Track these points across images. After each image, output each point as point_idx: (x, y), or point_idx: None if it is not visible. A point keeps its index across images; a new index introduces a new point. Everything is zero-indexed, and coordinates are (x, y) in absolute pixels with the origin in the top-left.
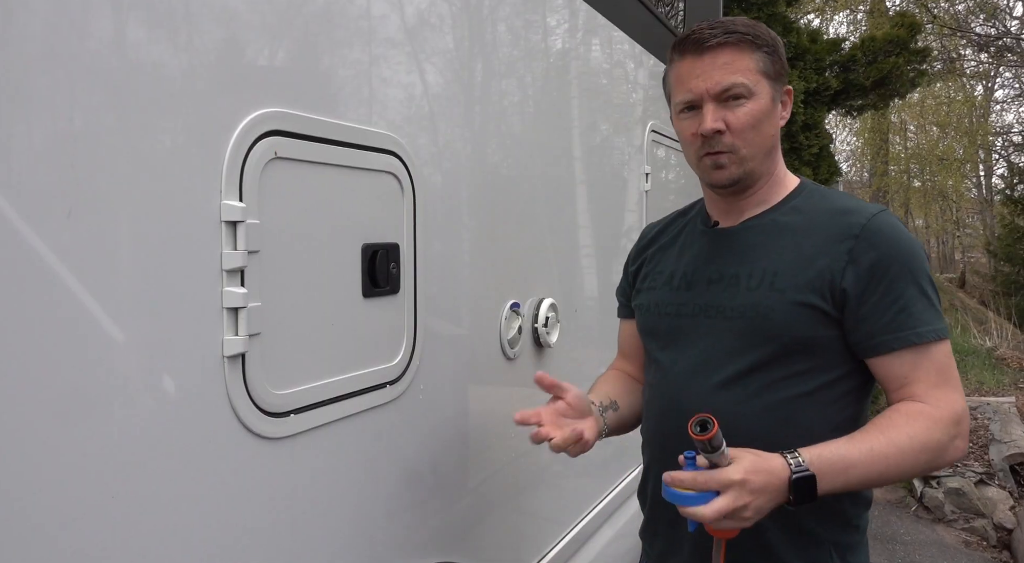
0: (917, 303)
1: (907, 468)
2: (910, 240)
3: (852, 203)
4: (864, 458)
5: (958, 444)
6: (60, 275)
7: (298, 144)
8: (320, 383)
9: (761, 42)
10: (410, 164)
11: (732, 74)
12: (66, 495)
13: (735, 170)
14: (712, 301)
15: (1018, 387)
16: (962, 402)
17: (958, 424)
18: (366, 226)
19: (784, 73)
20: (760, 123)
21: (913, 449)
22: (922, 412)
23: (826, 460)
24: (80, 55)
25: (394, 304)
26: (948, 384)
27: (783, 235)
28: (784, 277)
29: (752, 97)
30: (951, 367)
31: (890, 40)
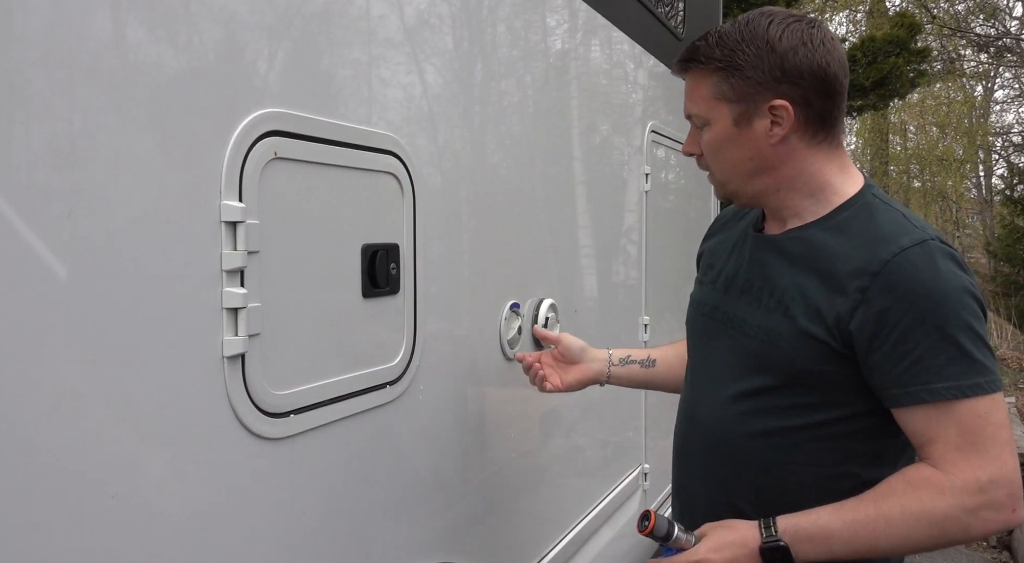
0: (937, 355)
1: (902, 543)
2: (942, 281)
3: (893, 230)
4: (846, 530)
5: (987, 517)
6: (60, 275)
7: (298, 144)
8: (320, 383)
9: (717, 64)
10: (410, 164)
11: (688, 103)
12: (65, 495)
13: (719, 191)
14: (738, 313)
15: (1018, 387)
16: (994, 468)
17: (980, 493)
18: (366, 226)
19: (756, 90)
20: (720, 149)
21: (906, 523)
22: (928, 480)
23: (803, 530)
24: (80, 55)
25: (394, 304)
26: (975, 447)
27: (813, 257)
28: (799, 304)
29: (708, 126)
30: (986, 428)
31: (890, 40)
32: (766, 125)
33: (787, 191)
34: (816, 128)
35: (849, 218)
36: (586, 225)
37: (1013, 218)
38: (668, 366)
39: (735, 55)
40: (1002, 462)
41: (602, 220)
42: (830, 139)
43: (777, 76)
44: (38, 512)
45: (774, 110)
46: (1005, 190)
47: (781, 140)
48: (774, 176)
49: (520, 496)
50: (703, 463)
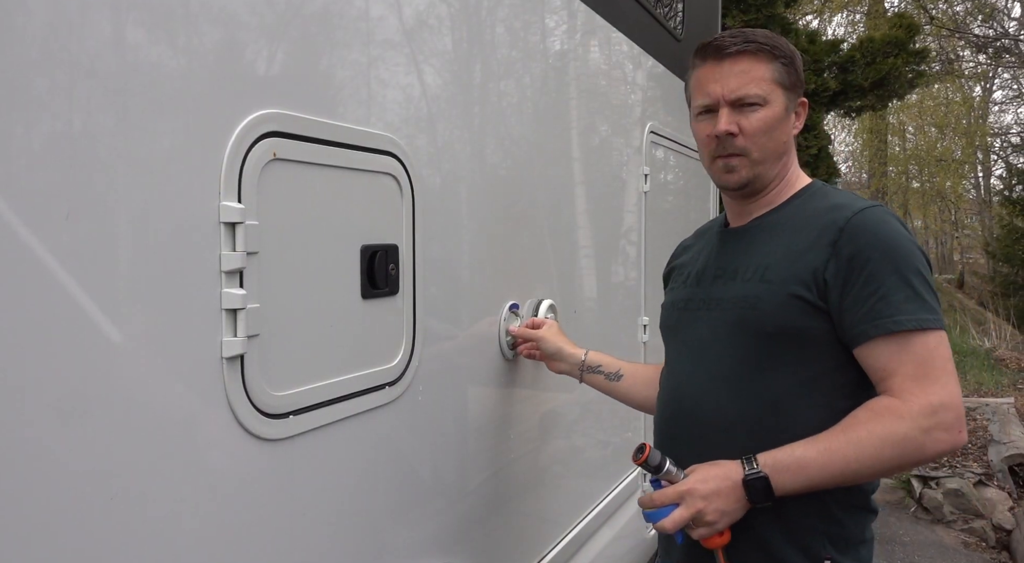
0: (897, 292)
1: (871, 464)
2: (896, 233)
3: (848, 200)
4: (820, 457)
5: (939, 437)
6: (59, 276)
7: (297, 145)
8: (319, 384)
9: (779, 53)
10: (409, 165)
11: (747, 82)
12: (64, 496)
13: (745, 173)
14: (712, 294)
15: (1017, 388)
16: (943, 394)
17: (933, 415)
18: (365, 227)
19: (800, 85)
20: (772, 129)
21: (873, 445)
22: (888, 407)
23: (781, 462)
24: (79, 56)
25: (393, 305)
26: (928, 376)
27: (779, 232)
28: (774, 270)
29: (766, 105)
30: (936, 359)
31: (888, 41)
32: (793, 117)
33: (780, 180)
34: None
35: (807, 198)
36: (585, 226)
37: (1012, 218)
38: (633, 383)
39: (791, 51)
40: (950, 390)
41: (601, 221)
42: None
43: (803, 80)
44: (37, 513)
45: (799, 107)
46: (1004, 191)
47: (796, 133)
48: (785, 164)
49: (520, 497)
50: (696, 439)
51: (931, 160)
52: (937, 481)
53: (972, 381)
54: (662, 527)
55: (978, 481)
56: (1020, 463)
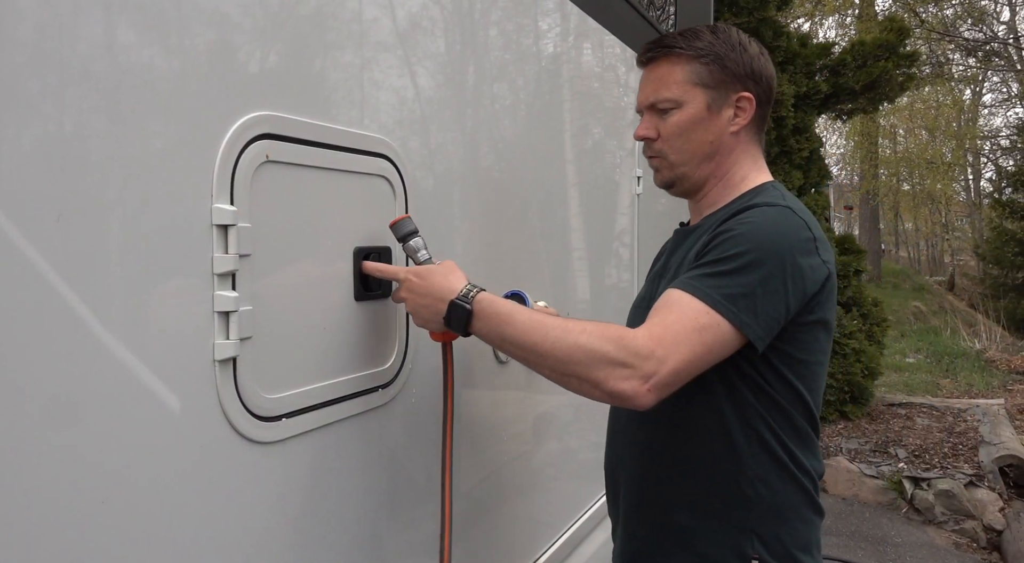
0: (706, 269)
1: (560, 357)
2: (762, 226)
3: (760, 200)
4: (527, 324)
5: (625, 374)
6: (49, 280)
7: (289, 148)
8: (312, 387)
9: (699, 53)
10: (402, 167)
11: (660, 89)
12: (56, 500)
13: (666, 174)
14: (653, 292)
15: (1007, 389)
16: (668, 350)
17: (640, 357)
18: (358, 229)
19: (735, 81)
20: (688, 131)
21: (575, 343)
22: (617, 328)
23: (495, 307)
24: (70, 58)
25: (386, 308)
26: (667, 329)
27: (703, 231)
28: (684, 268)
29: (681, 107)
30: (689, 328)
31: (879, 44)
32: (730, 114)
33: (719, 180)
34: (758, 127)
35: (740, 203)
36: (578, 228)
37: (1001, 221)
38: None
39: (715, 47)
40: (673, 353)
41: (594, 223)
42: (760, 141)
43: (747, 72)
44: (29, 517)
45: (740, 102)
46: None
47: (738, 131)
48: (719, 163)
49: (513, 499)
50: (627, 433)
51: (922, 163)
52: (928, 482)
53: (963, 382)
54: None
55: (969, 482)
56: (1010, 464)
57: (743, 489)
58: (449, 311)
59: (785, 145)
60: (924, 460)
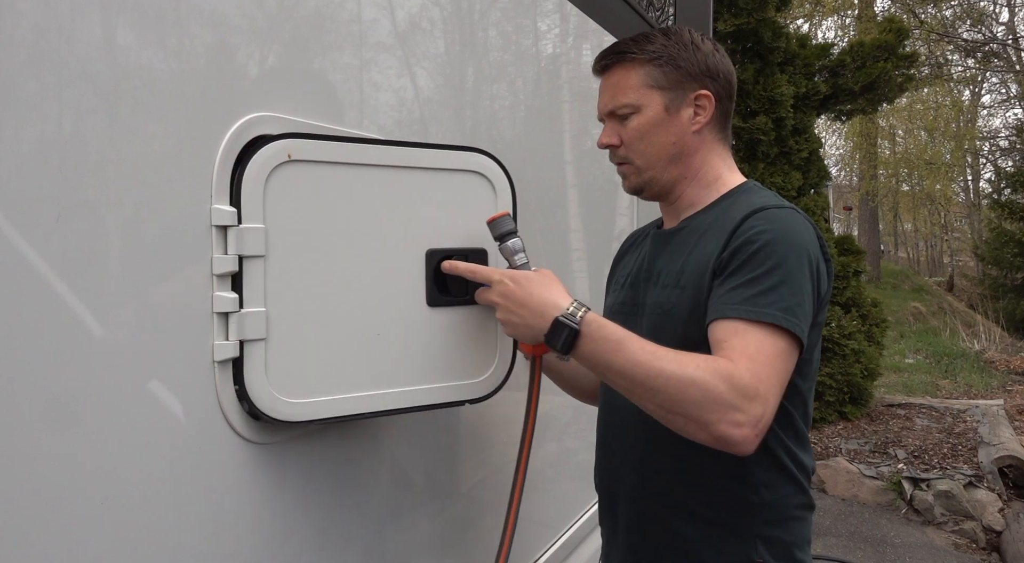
0: (755, 286)
1: (672, 393)
2: (788, 233)
3: (760, 200)
4: (638, 354)
5: (738, 419)
6: (49, 280)
7: (313, 146)
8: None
9: (651, 55)
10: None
11: (617, 94)
12: (56, 500)
13: (634, 180)
14: (639, 299)
15: (1006, 389)
16: (768, 388)
17: (748, 399)
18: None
19: (691, 79)
20: (648, 134)
21: (691, 378)
22: (725, 364)
23: (604, 331)
24: (69, 59)
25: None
26: (765, 365)
27: (698, 234)
28: (687, 274)
29: (639, 111)
30: (774, 357)
31: (878, 45)
32: (690, 113)
33: (692, 180)
34: (722, 124)
35: (731, 201)
36: (577, 228)
37: (1000, 221)
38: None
39: (667, 49)
40: (773, 392)
41: (593, 224)
42: (727, 139)
43: (703, 70)
44: (29, 517)
45: (699, 100)
46: (993, 194)
47: (699, 129)
48: (687, 164)
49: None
50: (624, 445)
51: (921, 163)
52: (928, 483)
53: (962, 383)
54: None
55: (968, 483)
56: (1010, 464)
57: (749, 497)
58: (553, 328)
59: (784, 146)
60: (923, 461)
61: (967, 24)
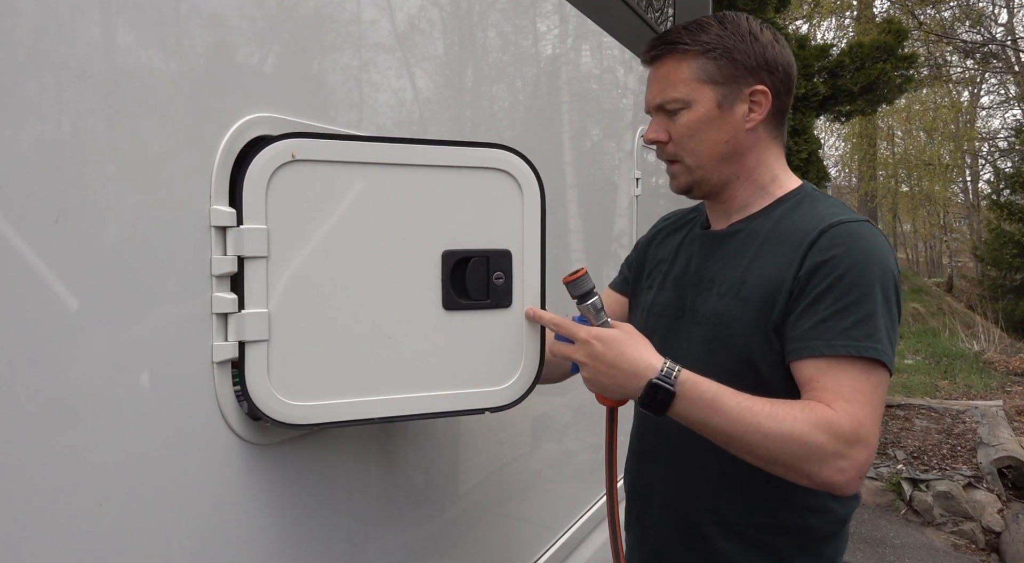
0: (846, 316)
1: (770, 449)
2: (871, 250)
3: (830, 211)
4: (735, 411)
5: (843, 467)
6: (48, 281)
7: (316, 145)
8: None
9: (704, 47)
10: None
11: (665, 88)
12: (54, 501)
13: (683, 179)
14: (690, 305)
15: (1005, 390)
16: (869, 431)
17: (850, 445)
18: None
19: (747, 73)
20: (698, 132)
21: (786, 432)
22: (823, 412)
23: (700, 390)
24: (68, 59)
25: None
26: (862, 405)
27: (759, 242)
28: (749, 286)
29: (690, 107)
30: (872, 394)
31: (877, 46)
32: (744, 110)
33: (745, 180)
34: (777, 121)
35: (792, 206)
36: (577, 229)
37: (999, 222)
38: None
39: (723, 40)
40: (874, 432)
41: (592, 224)
42: (781, 136)
43: (760, 63)
44: (27, 518)
45: (754, 95)
46: (991, 195)
47: (754, 127)
48: (740, 164)
49: (512, 501)
50: (664, 455)
51: (920, 164)
52: (927, 483)
53: (961, 383)
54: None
55: (967, 483)
56: (1009, 465)
57: (793, 520)
58: (647, 391)
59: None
60: (923, 461)
61: (966, 25)
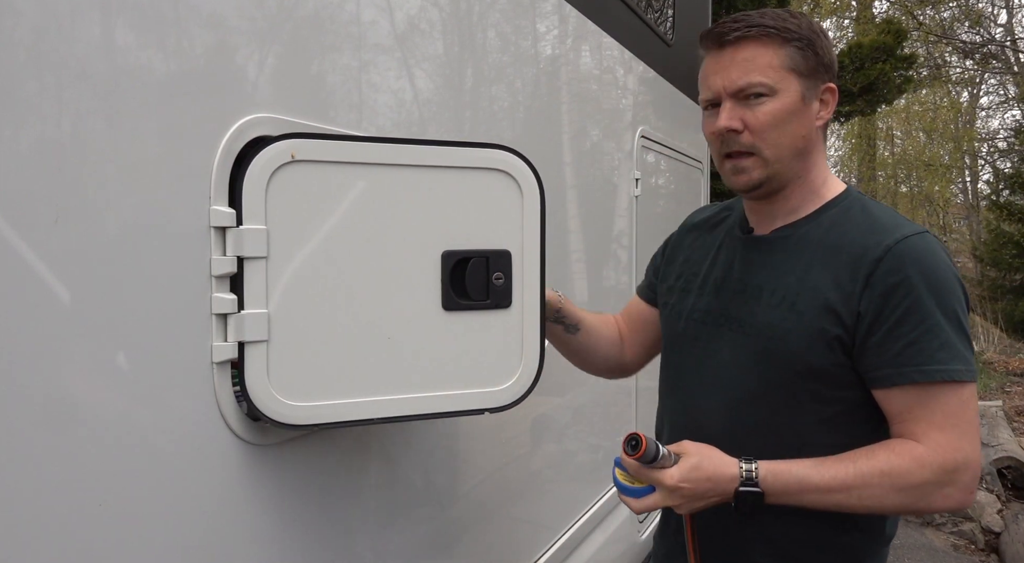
0: (932, 338)
1: (872, 503)
2: (939, 269)
3: (889, 221)
4: (823, 483)
5: (951, 493)
6: (47, 281)
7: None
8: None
9: (791, 35)
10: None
11: (750, 71)
12: (54, 502)
13: (757, 174)
14: (735, 313)
15: (1005, 391)
16: (967, 452)
17: (952, 473)
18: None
19: (824, 69)
20: (783, 122)
21: (883, 485)
22: (911, 452)
23: (782, 480)
24: (68, 59)
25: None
26: (955, 429)
27: (811, 251)
28: (805, 298)
29: (775, 95)
30: (964, 413)
31: (877, 47)
32: (817, 107)
33: (803, 181)
34: (828, 124)
35: (841, 212)
36: (576, 230)
37: (999, 223)
38: (589, 338)
39: (807, 32)
40: (973, 448)
41: (592, 225)
42: (826, 140)
43: (831, 60)
44: (26, 519)
45: (825, 93)
46: (991, 195)
47: (822, 125)
48: (807, 162)
49: (511, 501)
50: None
51: (919, 165)
52: None
53: None
54: (629, 505)
55: None
56: (1008, 466)
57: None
58: (738, 501)
59: None
60: None
61: (965, 26)
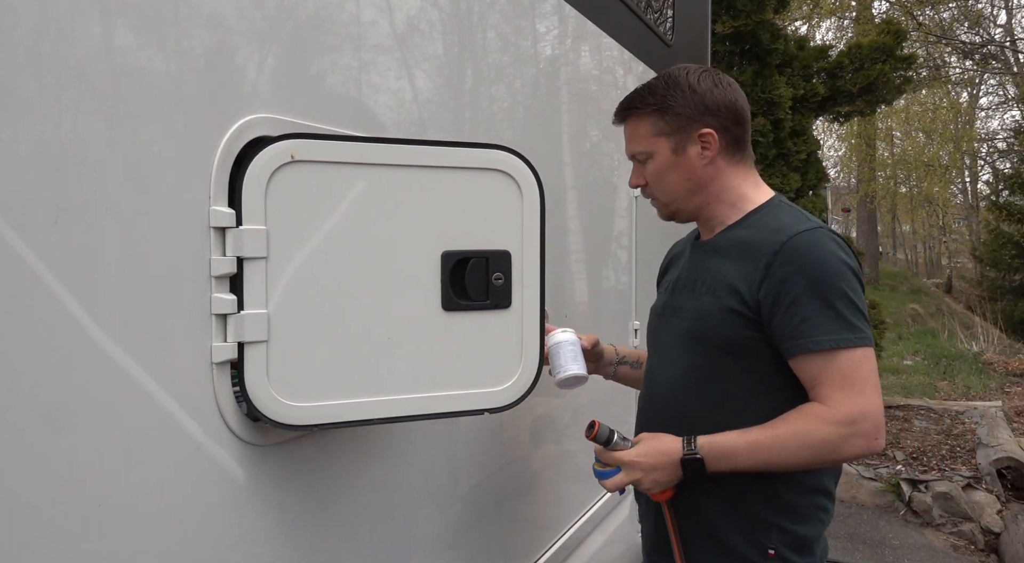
0: (819, 316)
1: (790, 460)
2: (826, 258)
3: (790, 221)
4: (748, 448)
5: (856, 442)
6: (47, 281)
7: (315, 145)
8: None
9: (650, 106)
10: None
11: (631, 143)
12: (53, 502)
13: (663, 211)
14: (679, 304)
15: (1005, 391)
16: (865, 404)
17: (852, 424)
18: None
19: (692, 119)
20: (664, 175)
21: (794, 444)
22: (814, 412)
23: (716, 447)
24: (68, 59)
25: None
26: (852, 387)
27: (735, 248)
28: (721, 285)
29: (652, 157)
30: (860, 372)
31: (876, 47)
32: (698, 150)
33: (716, 203)
34: (734, 150)
35: (759, 217)
36: (576, 231)
37: (998, 223)
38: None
39: (666, 98)
40: (870, 401)
41: (592, 226)
42: (745, 160)
43: (701, 110)
44: (26, 520)
45: (703, 137)
46: (990, 195)
47: (710, 161)
48: (706, 192)
49: (511, 502)
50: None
51: (919, 165)
52: (926, 484)
53: (960, 384)
54: (605, 486)
55: (967, 484)
56: (1008, 466)
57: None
58: (684, 469)
59: (783, 148)
60: (922, 462)
61: (965, 26)
